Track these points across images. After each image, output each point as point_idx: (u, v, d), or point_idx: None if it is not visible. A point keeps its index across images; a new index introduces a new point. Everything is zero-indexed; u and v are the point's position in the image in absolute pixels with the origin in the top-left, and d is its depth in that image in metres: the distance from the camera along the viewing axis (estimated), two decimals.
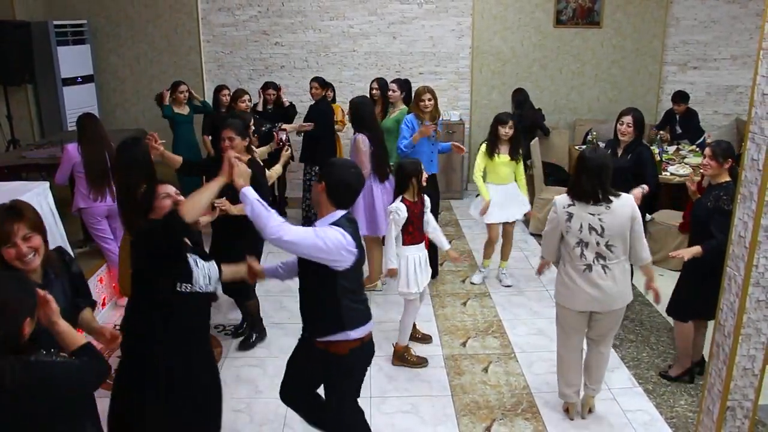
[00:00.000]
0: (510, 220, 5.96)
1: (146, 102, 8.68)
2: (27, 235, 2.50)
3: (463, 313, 5.60)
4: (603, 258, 3.71)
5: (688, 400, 4.33)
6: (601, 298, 3.76)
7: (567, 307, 3.90)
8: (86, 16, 8.57)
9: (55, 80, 8.16)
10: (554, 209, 3.80)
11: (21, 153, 6.88)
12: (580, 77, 8.94)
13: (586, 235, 3.68)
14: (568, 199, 3.74)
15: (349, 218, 3.16)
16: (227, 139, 4.42)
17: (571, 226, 3.70)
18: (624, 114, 5.04)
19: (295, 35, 8.77)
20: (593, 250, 3.70)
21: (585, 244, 3.70)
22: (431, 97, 5.72)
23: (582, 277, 3.75)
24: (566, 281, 3.84)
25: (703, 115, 8.54)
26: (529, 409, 4.27)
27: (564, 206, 3.74)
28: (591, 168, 3.65)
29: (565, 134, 8.49)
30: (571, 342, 4.01)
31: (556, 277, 3.99)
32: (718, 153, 4.18)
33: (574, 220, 3.69)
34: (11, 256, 2.48)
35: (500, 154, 5.75)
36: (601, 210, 3.66)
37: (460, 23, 8.77)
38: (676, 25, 8.77)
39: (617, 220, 3.65)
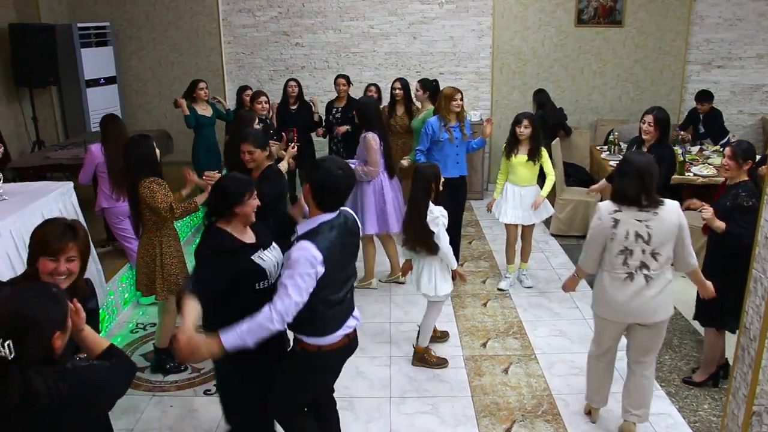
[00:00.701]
0: (527, 223, 5.88)
1: (168, 103, 8.73)
2: (71, 258, 2.54)
3: (484, 314, 5.58)
4: (647, 267, 3.54)
5: (712, 404, 4.28)
6: (640, 310, 3.59)
7: (604, 317, 3.74)
8: (109, 19, 8.67)
9: (79, 82, 8.28)
10: (598, 216, 3.60)
11: (46, 153, 6.98)
12: (602, 77, 8.87)
13: (631, 242, 3.51)
14: (613, 205, 3.57)
15: (333, 224, 3.00)
16: (247, 152, 4.44)
17: (617, 233, 3.52)
18: (647, 113, 5.02)
19: (315, 36, 8.80)
20: (638, 259, 3.54)
21: (629, 252, 3.53)
22: (462, 96, 5.78)
23: (622, 286, 3.58)
24: (604, 292, 3.67)
25: (727, 114, 8.44)
26: (550, 411, 4.24)
27: (610, 212, 3.56)
28: (634, 171, 3.51)
29: (586, 134, 8.43)
30: (602, 352, 3.90)
31: (594, 287, 3.80)
32: (738, 154, 4.12)
33: (620, 226, 3.52)
34: (47, 269, 2.50)
35: (518, 154, 5.71)
36: (649, 216, 3.50)
37: (481, 23, 8.74)
38: (700, 23, 8.66)
39: (664, 227, 3.51)
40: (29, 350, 1.91)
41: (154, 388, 4.52)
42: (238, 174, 3.16)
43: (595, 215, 3.65)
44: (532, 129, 5.63)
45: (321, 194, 2.99)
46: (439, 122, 5.72)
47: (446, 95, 5.76)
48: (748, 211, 3.97)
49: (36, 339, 1.94)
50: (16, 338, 1.87)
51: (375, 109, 5.91)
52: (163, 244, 4.43)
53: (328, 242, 2.91)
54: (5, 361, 1.85)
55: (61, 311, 2.06)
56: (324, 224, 2.97)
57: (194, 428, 4.08)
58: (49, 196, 4.54)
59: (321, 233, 2.93)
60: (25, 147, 8.10)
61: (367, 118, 5.68)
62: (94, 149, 5.59)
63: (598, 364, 3.96)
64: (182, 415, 4.22)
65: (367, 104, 5.86)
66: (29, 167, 6.59)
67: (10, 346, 1.86)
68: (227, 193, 3.06)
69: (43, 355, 1.98)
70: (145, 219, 4.36)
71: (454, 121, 5.73)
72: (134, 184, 4.29)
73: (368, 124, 5.66)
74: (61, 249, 2.50)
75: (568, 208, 7.28)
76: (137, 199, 4.30)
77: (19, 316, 1.93)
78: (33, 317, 1.95)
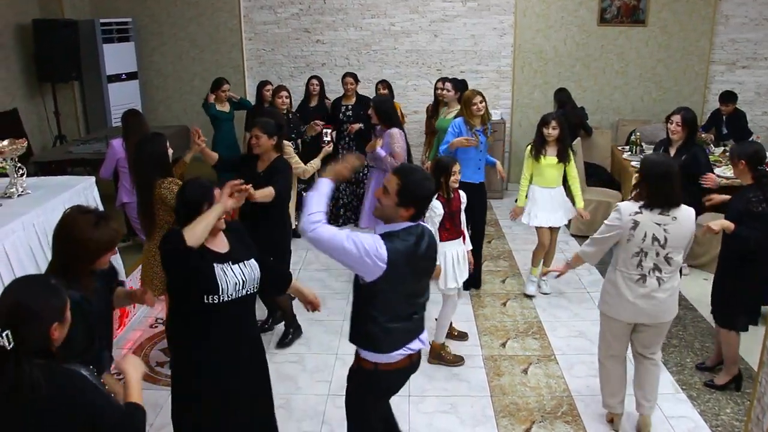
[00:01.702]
0: (556, 225, 5.73)
1: (189, 99, 8.80)
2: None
3: (503, 313, 5.55)
4: (659, 270, 3.58)
5: (734, 409, 4.22)
6: (650, 311, 3.64)
7: (613, 317, 3.76)
8: (131, 15, 8.72)
9: (101, 77, 8.34)
10: (618, 215, 3.60)
11: (67, 148, 7.04)
12: (624, 77, 8.78)
13: (648, 245, 3.53)
14: (635, 206, 3.57)
15: (411, 232, 2.84)
16: (254, 136, 4.57)
17: (635, 234, 3.54)
18: (674, 113, 5.01)
19: (336, 33, 8.80)
20: (652, 261, 3.57)
21: (644, 254, 3.56)
22: (482, 99, 5.63)
23: (634, 287, 3.62)
24: (615, 291, 3.69)
25: (751, 116, 8.33)
26: (570, 412, 4.21)
27: (630, 213, 3.56)
28: (656, 174, 3.52)
29: (607, 134, 8.36)
30: (614, 352, 3.89)
31: (603, 285, 3.84)
32: (734, 154, 4.19)
33: (639, 228, 3.53)
34: (107, 260, 2.71)
35: (546, 155, 5.53)
36: (668, 221, 3.51)
37: (502, 21, 8.70)
38: (725, 23, 8.56)
39: (681, 232, 3.53)
40: (27, 341, 1.93)
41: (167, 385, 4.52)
42: (201, 180, 3.00)
43: (615, 213, 3.65)
44: (560, 130, 5.47)
45: (414, 203, 2.84)
46: (465, 125, 5.63)
47: (466, 99, 5.68)
48: (758, 217, 4.03)
49: (34, 330, 1.96)
50: (15, 328, 1.91)
51: (393, 107, 5.94)
52: None
53: (400, 247, 2.77)
54: (3, 351, 1.89)
55: (60, 302, 2.06)
56: (403, 230, 2.84)
57: None
58: (71, 190, 4.56)
59: (397, 237, 2.80)
60: (47, 141, 8.18)
61: (388, 115, 5.69)
62: (115, 144, 5.63)
63: (610, 366, 3.94)
64: None
65: (386, 101, 5.88)
66: (51, 162, 6.65)
67: (8, 336, 1.89)
68: (186, 201, 2.94)
69: (41, 346, 1.99)
70: (158, 217, 4.28)
71: (478, 125, 5.64)
72: (147, 183, 4.24)
73: (389, 121, 5.67)
74: (117, 237, 2.71)
75: (589, 209, 7.17)
76: (150, 199, 4.23)
77: (19, 306, 1.96)
78: (31, 308, 1.97)
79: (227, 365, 2.98)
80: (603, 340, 3.93)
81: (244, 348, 3.07)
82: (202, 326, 2.92)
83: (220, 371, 2.96)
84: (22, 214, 3.92)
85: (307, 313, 5.28)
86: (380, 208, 2.90)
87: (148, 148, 4.30)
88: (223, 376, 2.98)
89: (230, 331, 2.98)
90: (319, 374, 4.65)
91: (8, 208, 4.03)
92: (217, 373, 2.96)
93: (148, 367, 4.70)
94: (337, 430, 4.01)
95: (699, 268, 6.28)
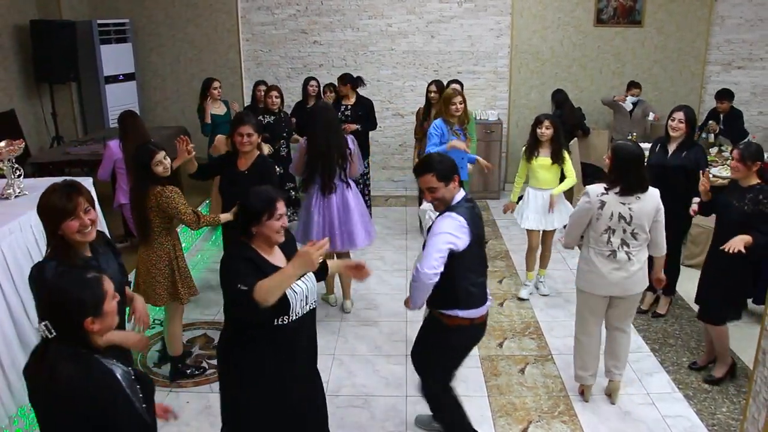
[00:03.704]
0: (549, 229, 5.69)
1: (186, 100, 8.81)
2: (87, 208, 2.73)
3: (500, 313, 5.56)
4: (627, 245, 3.89)
5: (730, 407, 4.24)
6: (623, 283, 3.94)
7: (589, 292, 4.06)
8: (129, 16, 8.71)
9: (98, 78, 8.32)
10: (587, 198, 3.90)
11: (65, 149, 7.03)
12: (621, 77, 8.79)
13: (615, 222, 3.85)
14: (601, 188, 3.89)
15: (467, 198, 3.46)
16: (246, 135, 4.55)
17: (603, 213, 3.86)
18: (676, 110, 5.01)
19: (333, 34, 8.80)
20: (619, 237, 3.88)
21: (612, 231, 3.88)
22: (462, 101, 5.65)
23: (606, 262, 3.93)
24: (590, 267, 4.00)
25: (747, 116, 8.34)
26: (567, 411, 4.23)
27: (597, 194, 3.87)
28: (625, 160, 3.83)
29: (604, 135, 8.37)
30: (590, 327, 4.17)
31: (579, 263, 4.14)
32: (746, 156, 4.19)
33: (606, 208, 3.85)
34: (73, 229, 2.67)
35: (539, 156, 5.51)
36: (632, 200, 3.82)
37: (499, 22, 8.71)
38: (720, 23, 8.58)
39: (644, 210, 3.84)
40: (60, 331, 2.00)
41: (171, 385, 4.54)
42: (267, 190, 2.86)
43: (584, 196, 3.94)
44: (554, 130, 5.44)
45: (453, 175, 3.38)
46: (445, 125, 5.63)
47: (445, 98, 5.67)
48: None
49: (64, 322, 2.01)
50: (51, 319, 1.99)
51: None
52: (176, 248, 4.36)
53: (467, 212, 3.35)
54: (45, 339, 1.99)
55: (93, 296, 2.06)
56: (462, 200, 3.42)
57: (210, 424, 4.09)
58: None
59: (459, 207, 3.38)
60: (44, 142, 8.17)
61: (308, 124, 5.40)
62: (112, 145, 5.64)
63: (585, 341, 4.20)
64: (199, 411, 4.24)
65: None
66: (48, 162, 6.65)
67: (47, 326, 1.98)
68: (248, 209, 2.82)
69: (75, 339, 2.03)
70: (154, 224, 4.22)
71: (457, 125, 5.65)
72: (141, 191, 4.18)
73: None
74: (75, 206, 2.68)
75: None
76: (145, 205, 4.16)
77: (50, 299, 2.04)
78: (61, 301, 2.02)
79: (285, 384, 2.92)
80: (579, 316, 4.22)
81: (303, 365, 3.00)
82: (267, 347, 2.83)
83: (279, 390, 2.91)
84: (19, 215, 3.92)
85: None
86: (439, 202, 3.42)
87: (135, 159, 4.23)
88: (279, 396, 2.93)
89: (294, 349, 2.90)
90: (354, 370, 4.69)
91: (5, 209, 4.03)
92: (275, 393, 2.90)
93: (146, 369, 4.71)
94: (335, 429, 4.02)
95: (695, 267, 6.28)
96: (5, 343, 3.57)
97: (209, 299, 5.75)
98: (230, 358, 2.94)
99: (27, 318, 3.74)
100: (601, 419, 4.13)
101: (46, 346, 2.01)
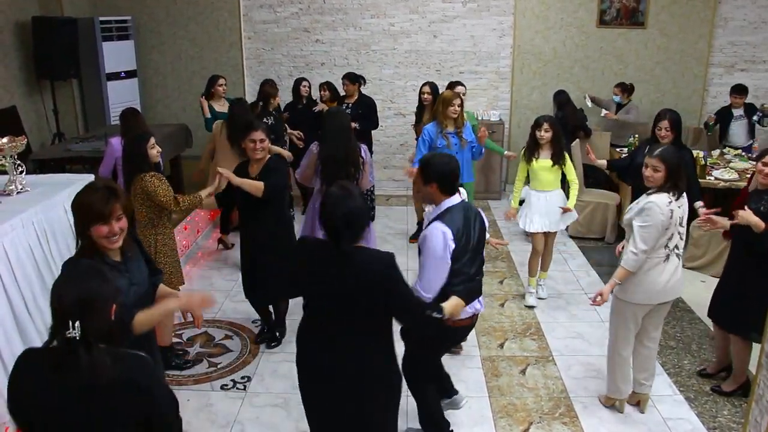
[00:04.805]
0: (553, 230, 5.61)
1: (187, 98, 8.80)
2: (120, 216, 2.64)
3: (501, 314, 5.55)
4: (677, 247, 3.88)
5: (732, 411, 4.23)
6: (675, 285, 3.91)
7: (640, 303, 3.91)
8: (130, 13, 8.70)
9: (100, 75, 8.31)
10: (659, 210, 3.71)
11: (66, 146, 7.02)
12: (623, 78, 8.75)
13: (675, 226, 3.83)
14: (665, 198, 3.77)
15: (454, 205, 3.40)
16: (258, 141, 4.49)
17: (672, 222, 3.80)
18: (660, 118, 4.98)
19: (335, 33, 8.80)
20: (675, 240, 3.87)
21: (671, 236, 3.84)
22: (461, 103, 5.63)
23: (661, 268, 3.84)
24: (647, 278, 3.84)
25: None
26: (567, 413, 4.22)
27: (667, 204, 3.76)
28: (677, 164, 3.79)
29: (606, 136, 8.34)
30: (631, 338, 4.05)
31: (630, 277, 3.85)
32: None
33: (674, 215, 3.80)
34: (102, 234, 2.60)
35: (539, 158, 5.45)
36: (682, 202, 3.85)
37: (502, 22, 8.70)
38: (724, 25, 8.57)
39: (685, 209, 3.90)
40: (94, 328, 1.99)
41: (171, 381, 4.52)
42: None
43: (654, 211, 3.72)
44: (553, 132, 5.38)
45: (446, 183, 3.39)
46: (436, 128, 5.60)
47: (444, 99, 5.62)
48: None
49: (98, 316, 2.02)
50: (82, 319, 1.97)
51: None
52: (158, 242, 4.39)
53: (456, 218, 3.33)
54: (74, 341, 1.96)
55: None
56: (451, 207, 3.38)
57: (211, 422, 4.09)
58: (71, 188, 4.53)
59: (447, 216, 3.34)
60: (45, 139, 8.16)
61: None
62: (114, 142, 5.62)
63: (626, 353, 4.08)
64: (199, 409, 4.23)
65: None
66: (50, 159, 6.64)
67: (77, 326, 1.95)
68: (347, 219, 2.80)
69: (106, 330, 2.05)
70: (141, 216, 4.26)
71: (451, 128, 5.61)
72: (128, 183, 4.28)
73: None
74: (110, 212, 2.59)
75: (587, 210, 7.23)
76: (132, 195, 4.23)
77: (80, 298, 2.00)
78: (92, 297, 2.02)
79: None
80: (624, 330, 4.02)
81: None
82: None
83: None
84: (21, 212, 3.91)
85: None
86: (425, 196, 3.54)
87: (128, 149, 4.32)
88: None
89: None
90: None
91: (7, 206, 4.01)
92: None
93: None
94: None
95: (697, 270, 6.29)
96: (7, 340, 3.55)
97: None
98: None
99: (29, 315, 3.73)
100: (602, 421, 4.12)
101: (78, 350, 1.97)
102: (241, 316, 5.39)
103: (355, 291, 2.73)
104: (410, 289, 2.92)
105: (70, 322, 1.95)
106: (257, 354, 4.90)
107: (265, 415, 4.18)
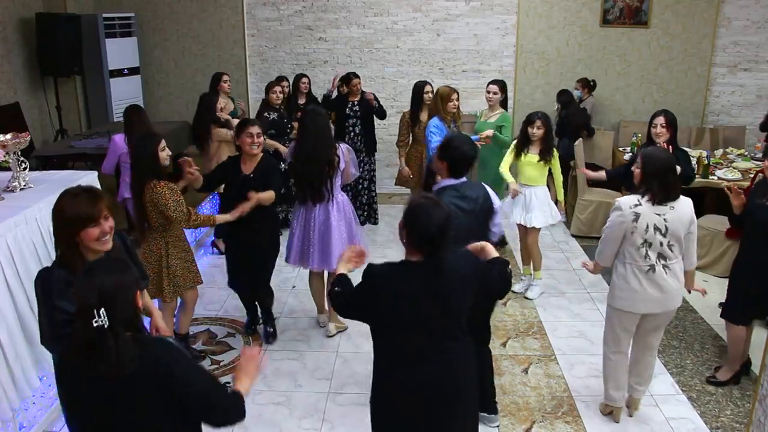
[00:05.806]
0: (529, 225, 5.63)
1: (190, 95, 8.78)
2: (106, 215, 2.64)
3: (504, 313, 5.55)
4: (665, 258, 3.70)
5: (734, 410, 4.23)
6: (662, 299, 3.75)
7: (626, 310, 3.83)
8: (134, 10, 8.71)
9: (103, 72, 8.33)
10: (620, 212, 3.68)
11: (69, 143, 7.02)
12: (626, 78, 8.78)
13: (651, 235, 3.65)
14: (634, 200, 3.68)
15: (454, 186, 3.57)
16: (256, 135, 4.50)
17: (638, 226, 3.65)
18: (656, 116, 4.98)
19: (338, 31, 8.79)
20: (656, 251, 3.68)
21: (649, 245, 3.67)
22: (458, 97, 5.79)
23: (645, 279, 3.72)
24: (628, 285, 3.77)
25: (752, 118, 8.36)
26: (570, 412, 4.22)
27: (631, 206, 3.66)
28: (659, 168, 3.63)
29: (609, 136, 8.35)
30: (623, 345, 3.97)
31: (613, 281, 3.87)
32: None
33: (641, 220, 3.64)
34: (93, 237, 2.59)
35: (528, 153, 5.51)
36: (666, 210, 3.64)
37: (505, 21, 8.69)
38: (727, 25, 8.55)
39: (679, 220, 3.66)
40: (119, 316, 2.02)
41: None
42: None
43: (615, 210, 3.72)
44: (545, 130, 5.43)
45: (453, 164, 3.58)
46: (442, 122, 5.69)
47: (442, 95, 5.68)
48: None
49: (124, 304, 2.05)
50: (107, 307, 2.00)
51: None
52: (170, 245, 4.33)
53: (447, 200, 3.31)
54: (102, 329, 1.99)
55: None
56: (446, 187, 3.57)
57: None
58: (74, 185, 4.54)
59: (444, 191, 3.51)
60: (48, 136, 8.17)
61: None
62: (117, 139, 5.63)
63: (618, 360, 4.01)
64: None
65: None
66: (53, 156, 6.65)
67: (104, 315, 1.99)
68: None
69: (130, 317, 2.09)
70: (152, 219, 4.23)
71: (449, 122, 5.69)
72: (138, 184, 4.19)
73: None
74: (98, 213, 2.60)
75: (590, 209, 7.23)
76: (143, 199, 4.17)
77: (104, 289, 2.02)
78: (115, 286, 2.04)
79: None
80: (612, 335, 3.97)
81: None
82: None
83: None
84: (24, 208, 3.91)
85: (311, 311, 5.35)
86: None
87: (139, 150, 4.21)
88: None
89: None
90: (319, 372, 4.65)
91: (11, 202, 4.01)
92: None
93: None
94: (338, 427, 4.03)
95: (700, 270, 6.27)
96: (9, 336, 3.56)
97: (212, 295, 5.76)
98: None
99: (31, 311, 3.73)
100: (605, 420, 4.12)
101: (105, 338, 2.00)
102: (244, 313, 5.39)
103: (451, 294, 2.68)
104: (492, 262, 2.95)
105: (95, 310, 1.98)
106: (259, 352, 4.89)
107: (267, 413, 4.18)
